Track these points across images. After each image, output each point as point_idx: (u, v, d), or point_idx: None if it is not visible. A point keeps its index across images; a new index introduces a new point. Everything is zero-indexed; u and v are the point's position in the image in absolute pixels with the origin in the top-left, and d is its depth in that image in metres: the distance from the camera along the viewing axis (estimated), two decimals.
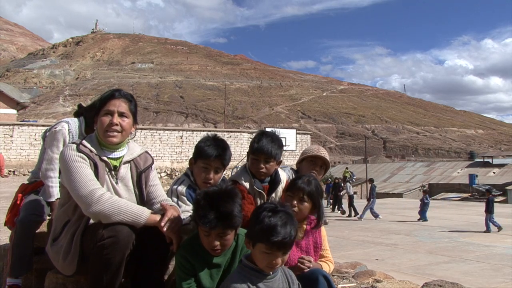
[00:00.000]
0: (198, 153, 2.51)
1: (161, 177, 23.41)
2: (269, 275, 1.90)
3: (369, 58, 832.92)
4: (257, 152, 2.60)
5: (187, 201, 2.47)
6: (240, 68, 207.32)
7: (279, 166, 2.75)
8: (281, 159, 2.72)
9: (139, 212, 2.12)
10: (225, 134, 27.14)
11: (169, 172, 25.34)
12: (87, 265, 2.12)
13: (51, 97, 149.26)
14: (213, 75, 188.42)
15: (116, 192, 2.26)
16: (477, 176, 39.93)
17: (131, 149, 2.39)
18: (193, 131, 29.80)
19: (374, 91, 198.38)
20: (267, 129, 3.36)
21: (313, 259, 2.30)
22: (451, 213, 18.87)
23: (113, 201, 2.10)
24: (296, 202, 2.34)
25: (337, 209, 20.51)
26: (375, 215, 16.63)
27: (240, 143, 27.66)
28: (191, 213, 2.28)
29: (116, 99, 2.27)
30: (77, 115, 3.27)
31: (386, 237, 12.17)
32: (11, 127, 22.71)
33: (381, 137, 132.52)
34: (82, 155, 2.19)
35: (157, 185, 2.43)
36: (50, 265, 2.36)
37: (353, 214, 17.84)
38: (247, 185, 2.61)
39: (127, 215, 2.08)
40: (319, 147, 3.19)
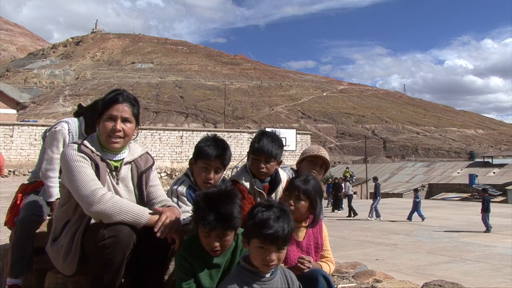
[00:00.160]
0: (198, 153, 2.51)
1: (161, 177, 23.40)
2: (266, 277, 1.88)
3: (369, 58, 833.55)
4: (257, 152, 2.60)
5: (187, 202, 2.47)
6: (240, 68, 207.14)
7: (280, 166, 2.75)
8: (281, 159, 2.72)
9: (141, 212, 2.12)
10: (225, 134, 27.13)
11: (169, 172, 25.34)
12: (87, 265, 2.12)
13: (51, 97, 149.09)
14: (213, 75, 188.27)
15: (116, 192, 2.26)
16: (477, 176, 39.93)
17: (132, 150, 2.39)
18: (193, 131, 29.81)
19: (374, 91, 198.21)
20: (267, 129, 3.35)
21: (313, 259, 2.30)
22: (451, 213, 18.89)
23: (115, 201, 2.10)
24: (292, 201, 2.33)
25: (337, 209, 20.53)
26: (377, 215, 16.64)
27: (240, 143, 27.66)
28: (191, 213, 2.28)
29: (119, 104, 2.25)
30: (77, 115, 3.27)
31: (386, 237, 12.18)
32: (11, 127, 22.72)
33: (381, 137, 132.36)
34: (83, 155, 2.19)
35: (157, 186, 2.43)
36: (50, 265, 2.36)
37: (352, 214, 17.88)
38: (247, 185, 2.61)
39: (129, 215, 2.08)
40: (319, 147, 3.19)
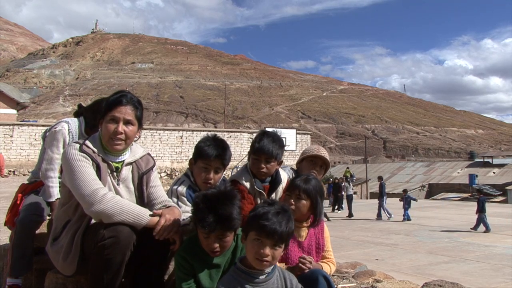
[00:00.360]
0: (198, 153, 2.51)
1: (161, 177, 23.39)
2: (260, 279, 1.86)
3: (369, 58, 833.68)
4: (258, 152, 2.60)
5: (187, 202, 2.47)
6: (240, 68, 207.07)
7: (280, 166, 2.74)
8: (282, 159, 2.72)
9: (141, 213, 2.12)
10: (225, 134, 27.12)
11: (169, 172, 25.33)
12: (87, 265, 2.12)
13: (51, 97, 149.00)
14: (213, 75, 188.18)
15: (117, 193, 2.26)
16: (477, 176, 39.93)
17: (133, 151, 2.39)
18: (193, 131, 29.80)
19: (374, 91, 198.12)
20: (268, 129, 3.36)
21: (314, 259, 2.29)
22: (451, 213, 18.88)
23: (116, 201, 2.10)
24: (293, 200, 2.33)
25: (337, 209, 20.52)
26: (379, 216, 16.59)
27: (240, 143, 27.65)
28: (191, 213, 2.28)
29: (123, 106, 2.25)
30: (77, 115, 3.27)
31: (386, 237, 12.17)
32: (11, 127, 22.70)
33: (381, 137, 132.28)
34: (84, 155, 2.19)
35: (157, 186, 2.43)
36: (50, 265, 2.35)
37: (348, 215, 17.82)
38: (248, 185, 2.62)
39: (129, 216, 2.08)
40: (319, 147, 3.18)
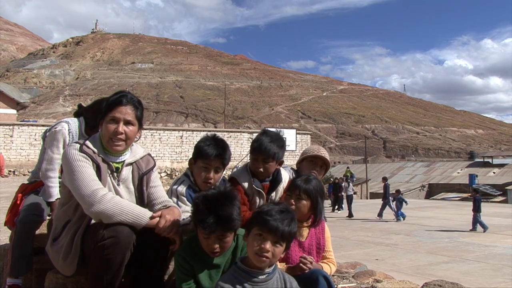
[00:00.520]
0: (198, 153, 2.51)
1: (161, 177, 23.39)
2: (260, 278, 1.87)
3: (369, 58, 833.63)
4: (255, 152, 2.62)
5: (186, 202, 2.47)
6: (240, 68, 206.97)
7: (280, 166, 2.73)
8: (282, 159, 2.71)
9: (141, 213, 2.12)
10: (225, 134, 27.11)
11: (169, 172, 25.33)
12: (87, 265, 2.12)
13: (51, 97, 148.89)
14: (213, 75, 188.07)
15: (117, 193, 2.26)
16: (477, 176, 39.91)
17: (133, 151, 2.39)
18: (193, 131, 29.79)
19: (374, 91, 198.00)
20: (271, 129, 3.36)
21: (314, 259, 2.29)
22: (451, 213, 18.86)
23: (116, 201, 2.10)
24: (293, 200, 2.33)
25: (337, 209, 20.52)
26: (380, 215, 16.55)
27: (240, 143, 27.64)
28: (190, 213, 2.29)
29: (123, 106, 2.25)
30: (77, 115, 3.26)
31: (386, 237, 12.17)
32: (11, 127, 22.70)
33: (381, 137, 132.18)
34: (85, 155, 2.19)
35: (158, 186, 2.43)
36: (50, 265, 2.35)
37: (348, 215, 17.78)
38: (246, 184, 2.62)
39: (129, 216, 2.08)
40: (319, 147, 3.18)
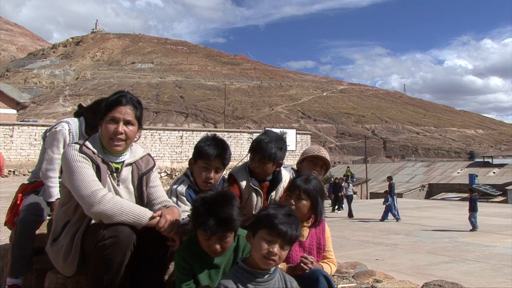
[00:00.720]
0: (198, 153, 2.52)
1: (161, 177, 23.39)
2: (262, 278, 1.87)
3: (369, 58, 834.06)
4: (252, 151, 2.64)
5: (186, 201, 2.48)
6: (240, 68, 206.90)
7: (280, 167, 2.72)
8: (282, 160, 2.70)
9: (141, 213, 2.12)
10: (225, 134, 27.10)
11: (169, 172, 25.32)
12: (87, 265, 2.11)
13: (51, 97, 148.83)
14: (213, 75, 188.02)
15: (117, 194, 2.26)
16: (477, 176, 39.92)
17: (133, 151, 2.39)
18: (193, 131, 29.78)
19: (374, 91, 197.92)
20: (274, 130, 3.34)
21: (315, 259, 2.29)
22: (451, 213, 18.85)
23: (116, 201, 2.10)
24: (293, 200, 2.33)
25: (337, 209, 20.52)
26: (384, 217, 16.50)
27: (240, 143, 27.63)
28: (189, 214, 2.29)
29: (122, 106, 2.25)
30: (77, 115, 3.26)
31: (386, 237, 12.17)
32: (11, 127, 22.69)
33: (381, 137, 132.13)
34: (84, 156, 2.19)
35: (157, 186, 2.42)
36: (50, 265, 2.35)
37: (348, 215, 17.79)
38: (243, 182, 2.63)
39: (129, 216, 2.08)
40: (320, 147, 3.17)
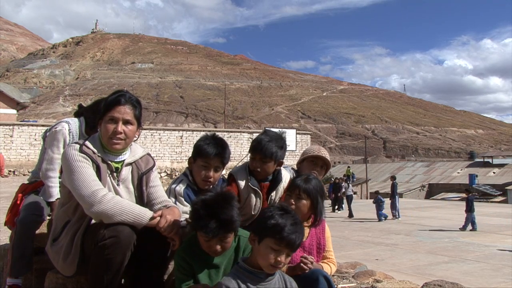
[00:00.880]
0: (197, 152, 2.52)
1: (161, 177, 23.38)
2: (262, 278, 1.87)
3: (369, 58, 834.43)
4: (253, 150, 2.63)
5: (184, 202, 2.48)
6: (240, 68, 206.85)
7: (280, 167, 2.72)
8: (282, 160, 2.70)
9: (142, 213, 2.12)
10: (225, 134, 27.10)
11: (169, 172, 25.32)
12: (87, 265, 2.11)
13: (51, 97, 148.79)
14: (213, 75, 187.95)
15: (117, 193, 2.26)
16: (477, 176, 39.90)
17: (133, 151, 2.39)
18: (193, 131, 29.78)
19: (374, 91, 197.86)
20: (273, 129, 3.33)
21: (315, 259, 2.29)
22: (451, 213, 18.85)
23: (116, 201, 2.10)
24: (293, 200, 2.33)
25: (337, 209, 20.52)
26: (394, 214, 16.49)
27: (240, 143, 27.64)
28: (188, 214, 2.29)
29: (121, 106, 2.25)
30: (77, 115, 3.26)
31: (386, 237, 12.18)
32: (11, 127, 22.69)
33: (381, 137, 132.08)
34: (84, 155, 2.19)
35: (157, 186, 2.43)
36: (50, 265, 2.35)
37: (348, 215, 17.82)
38: (242, 182, 2.62)
39: (130, 216, 2.08)
40: (320, 147, 3.17)
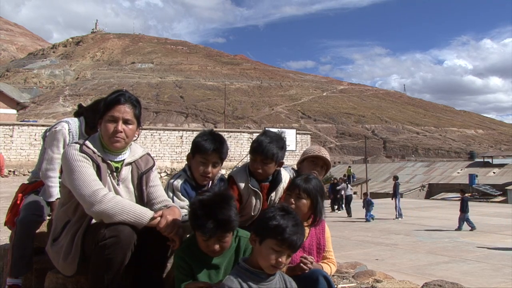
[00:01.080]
0: (195, 148, 2.53)
1: (161, 177, 23.38)
2: (263, 278, 1.88)
3: (368, 58, 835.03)
4: (254, 152, 2.61)
5: (181, 196, 2.49)
6: (240, 68, 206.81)
7: (280, 167, 2.72)
8: (283, 160, 2.70)
9: (142, 212, 2.12)
10: (225, 134, 27.11)
11: (169, 172, 25.33)
12: (87, 265, 2.11)
13: (51, 97, 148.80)
14: (213, 75, 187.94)
15: (117, 193, 2.26)
16: (477, 176, 39.87)
17: (133, 151, 2.40)
18: (193, 131, 29.80)
19: (374, 91, 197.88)
20: (272, 129, 3.32)
21: (315, 259, 2.29)
22: (451, 213, 18.82)
23: (117, 201, 2.10)
24: (293, 199, 2.33)
25: (337, 209, 20.53)
26: (400, 215, 16.49)
27: (240, 143, 27.65)
28: (185, 209, 2.31)
29: (121, 105, 2.25)
30: (77, 115, 3.26)
31: (386, 237, 12.17)
32: (11, 127, 22.70)
33: (381, 137, 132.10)
34: (85, 155, 2.19)
35: (157, 186, 2.43)
36: (50, 265, 2.35)
37: (347, 215, 17.85)
38: (242, 184, 2.62)
39: (130, 215, 2.08)
40: (320, 147, 3.17)
